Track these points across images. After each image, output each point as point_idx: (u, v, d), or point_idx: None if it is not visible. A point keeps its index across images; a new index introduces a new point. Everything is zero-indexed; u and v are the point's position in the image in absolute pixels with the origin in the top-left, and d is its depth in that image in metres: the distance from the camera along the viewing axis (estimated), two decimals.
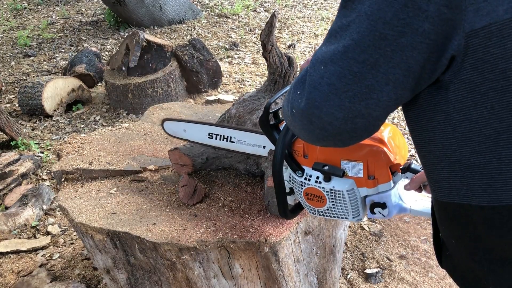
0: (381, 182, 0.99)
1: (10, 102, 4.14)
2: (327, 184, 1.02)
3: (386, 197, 1.01)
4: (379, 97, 0.70)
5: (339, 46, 0.70)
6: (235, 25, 5.69)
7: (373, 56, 0.67)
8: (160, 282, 1.42)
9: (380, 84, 0.69)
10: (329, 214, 1.08)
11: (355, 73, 0.69)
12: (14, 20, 6.42)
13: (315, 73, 0.73)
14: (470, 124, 0.68)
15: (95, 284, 2.11)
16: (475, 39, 0.64)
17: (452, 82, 0.69)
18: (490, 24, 0.62)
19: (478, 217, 0.72)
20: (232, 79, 4.28)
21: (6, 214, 2.51)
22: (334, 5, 6.33)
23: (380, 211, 1.02)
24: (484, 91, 0.66)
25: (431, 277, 2.11)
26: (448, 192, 0.75)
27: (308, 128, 0.77)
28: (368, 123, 0.73)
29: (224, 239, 1.27)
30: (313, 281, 1.55)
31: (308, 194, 1.06)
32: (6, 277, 2.15)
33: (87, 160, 1.67)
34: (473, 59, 0.65)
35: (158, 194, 1.52)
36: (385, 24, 0.65)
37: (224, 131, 1.43)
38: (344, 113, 0.71)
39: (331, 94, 0.71)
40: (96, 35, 5.66)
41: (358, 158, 0.98)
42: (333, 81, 0.70)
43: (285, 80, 1.52)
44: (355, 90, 0.69)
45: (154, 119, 2.08)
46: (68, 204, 1.46)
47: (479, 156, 0.69)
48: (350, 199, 1.01)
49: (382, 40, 0.66)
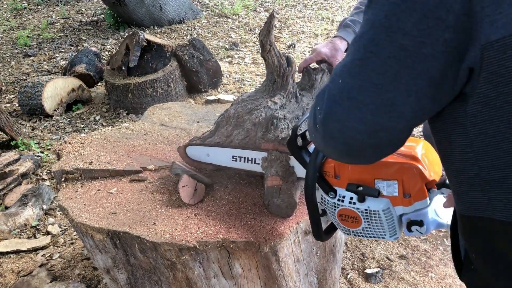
0: (417, 200, 0.97)
1: (10, 102, 4.14)
2: (361, 205, 1.00)
3: (423, 215, 0.98)
4: (402, 109, 0.69)
5: (356, 59, 0.70)
6: (235, 25, 5.69)
7: (393, 67, 0.66)
8: (160, 282, 1.42)
9: (402, 96, 0.68)
10: (365, 234, 1.05)
11: (376, 85, 0.68)
12: (14, 20, 6.42)
13: (334, 88, 0.72)
14: (487, 139, 0.67)
15: (95, 284, 2.11)
16: (490, 51, 0.63)
17: (471, 95, 0.68)
18: (504, 37, 0.61)
19: (499, 232, 0.71)
20: (232, 79, 4.29)
21: (6, 214, 2.52)
22: (334, 5, 6.33)
23: (418, 228, 0.99)
24: (499, 105, 0.65)
25: (431, 277, 2.11)
26: (469, 206, 0.74)
27: (331, 145, 0.76)
28: (392, 136, 0.73)
29: (224, 239, 1.27)
30: (313, 281, 1.55)
31: (342, 215, 1.04)
32: (6, 277, 2.15)
33: (87, 160, 1.67)
34: (487, 73, 0.64)
35: (158, 194, 1.52)
36: (405, 35, 0.65)
37: (247, 153, 1.43)
38: (367, 127, 0.70)
39: (352, 107, 0.70)
40: (96, 35, 5.66)
41: (392, 177, 0.96)
42: (354, 95, 0.70)
43: (284, 80, 1.52)
44: (377, 103, 0.68)
45: (154, 119, 2.08)
46: (68, 204, 1.46)
47: (498, 171, 0.68)
48: (387, 219, 0.99)
49: (402, 51, 0.65)
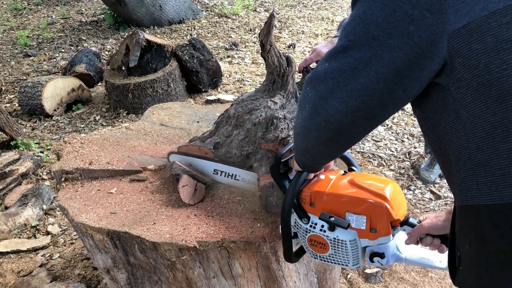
0: (382, 235, 1.05)
1: (10, 102, 4.14)
2: (331, 233, 1.08)
3: (385, 248, 1.07)
4: (373, 94, 0.76)
5: (339, 46, 0.79)
6: (235, 25, 5.68)
7: (367, 54, 0.75)
8: (160, 282, 1.42)
9: (372, 82, 0.75)
10: (331, 260, 1.13)
11: (353, 69, 0.76)
12: (14, 20, 6.42)
13: (321, 69, 0.82)
14: (474, 120, 0.71)
15: (95, 284, 2.11)
16: (458, 38, 0.69)
17: (450, 83, 0.72)
18: (469, 22, 0.67)
19: (484, 217, 0.72)
20: (232, 79, 4.28)
21: (6, 214, 2.52)
22: (334, 5, 6.33)
23: (379, 260, 1.08)
24: (476, 87, 0.69)
25: (431, 277, 2.11)
26: (464, 195, 0.75)
27: (316, 122, 0.84)
28: (368, 117, 0.80)
29: (224, 239, 1.27)
30: (313, 281, 1.55)
31: (312, 240, 1.12)
32: (6, 277, 2.15)
33: (87, 160, 1.67)
34: (460, 58, 0.70)
35: (158, 194, 1.52)
36: (377, 26, 0.73)
37: (229, 169, 1.48)
38: (344, 107, 0.79)
39: (334, 87, 0.79)
40: (96, 35, 5.66)
41: (362, 212, 1.04)
42: (335, 76, 0.79)
43: (284, 80, 1.52)
44: (352, 85, 0.77)
45: (154, 119, 2.08)
46: (68, 204, 1.46)
47: (482, 153, 0.70)
48: (352, 249, 1.08)
49: (374, 40, 0.74)
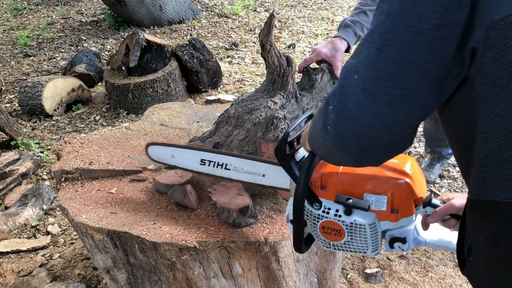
0: (404, 216, 0.96)
1: (10, 102, 4.14)
2: (347, 218, 0.97)
3: (407, 232, 0.97)
4: (417, 98, 0.67)
5: (372, 50, 0.68)
6: (235, 25, 5.68)
7: (409, 53, 0.65)
8: (160, 282, 1.42)
9: (418, 83, 0.67)
10: (346, 248, 1.03)
11: (392, 73, 0.66)
12: (14, 20, 6.42)
13: (348, 84, 0.70)
14: (495, 118, 0.68)
15: (95, 284, 2.11)
16: (495, 31, 0.63)
17: (476, 77, 0.68)
18: (509, 15, 0.62)
19: (502, 214, 0.70)
20: (232, 79, 4.29)
21: (6, 214, 2.52)
22: (334, 5, 6.33)
23: (400, 245, 0.98)
24: (505, 84, 0.65)
25: (431, 277, 2.11)
26: (481, 190, 0.73)
27: (342, 147, 0.73)
28: (404, 132, 0.71)
29: (224, 239, 1.27)
30: (313, 280, 1.55)
31: (325, 227, 1.00)
32: (6, 277, 2.15)
33: (87, 160, 1.67)
34: (493, 52, 0.65)
35: (158, 194, 1.52)
36: (421, 18, 0.64)
37: (218, 158, 1.30)
38: (381, 121, 0.68)
39: (367, 100, 0.67)
40: (96, 35, 5.66)
41: (382, 191, 0.94)
42: (368, 87, 0.68)
43: (284, 80, 1.52)
44: (392, 93, 0.67)
45: (154, 119, 2.08)
46: (68, 204, 1.46)
47: (505, 151, 0.68)
48: (372, 233, 0.97)
49: (419, 35, 0.64)
